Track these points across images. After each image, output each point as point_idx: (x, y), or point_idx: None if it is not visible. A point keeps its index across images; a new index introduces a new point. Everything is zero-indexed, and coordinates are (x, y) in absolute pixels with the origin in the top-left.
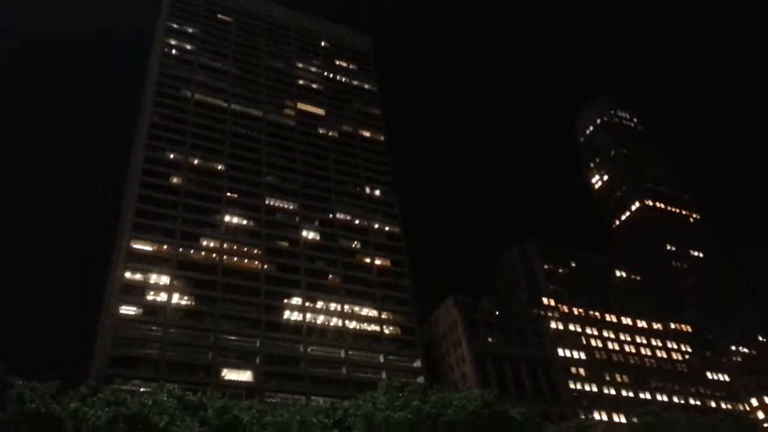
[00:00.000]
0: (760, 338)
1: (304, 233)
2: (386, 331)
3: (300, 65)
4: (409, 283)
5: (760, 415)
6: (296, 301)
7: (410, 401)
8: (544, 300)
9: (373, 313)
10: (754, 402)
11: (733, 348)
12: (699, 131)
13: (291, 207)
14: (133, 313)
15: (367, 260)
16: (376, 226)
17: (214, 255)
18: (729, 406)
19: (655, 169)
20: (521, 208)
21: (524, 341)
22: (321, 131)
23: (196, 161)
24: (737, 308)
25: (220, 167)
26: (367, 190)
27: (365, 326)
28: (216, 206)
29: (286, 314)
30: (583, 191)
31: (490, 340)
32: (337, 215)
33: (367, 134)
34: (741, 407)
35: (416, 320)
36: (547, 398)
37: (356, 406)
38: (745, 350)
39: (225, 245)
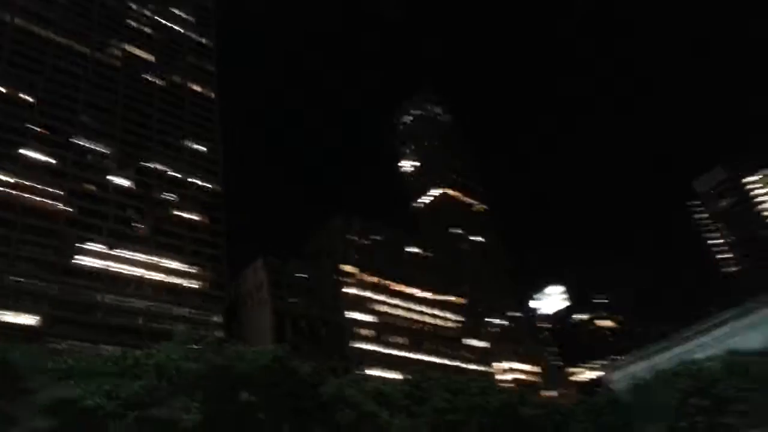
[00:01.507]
0: (515, 313)
1: (117, 179)
2: (192, 286)
3: (134, 6)
4: (222, 240)
5: (507, 376)
6: (99, 247)
7: (204, 353)
8: (346, 267)
9: (181, 266)
10: (503, 365)
11: (494, 320)
12: (499, 136)
13: (105, 150)
14: None
15: (182, 214)
16: (196, 181)
17: (10, 191)
18: (483, 368)
19: (456, 162)
20: (341, 182)
21: (323, 304)
22: (148, 78)
23: (3, 90)
24: (502, 287)
25: (29, 99)
26: (191, 144)
27: (171, 279)
28: (20, 139)
29: (86, 260)
30: (395, 173)
31: (291, 300)
32: (156, 165)
33: (197, 88)
34: (492, 369)
35: (225, 277)
36: (335, 356)
37: (148, 356)
38: (503, 322)
39: (24, 181)
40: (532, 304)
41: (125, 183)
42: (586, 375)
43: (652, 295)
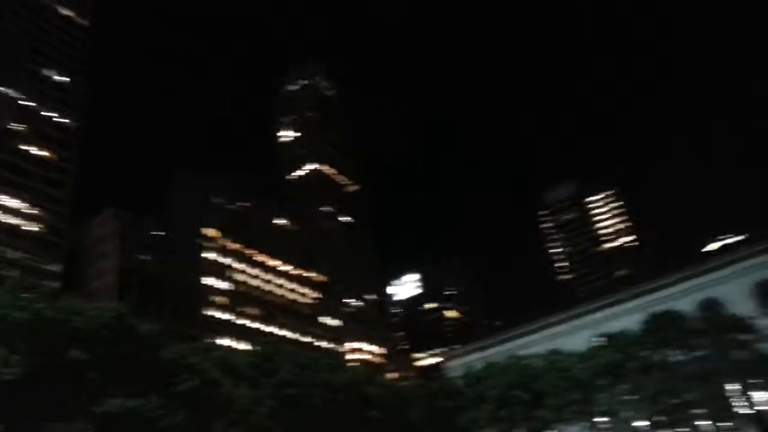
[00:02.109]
0: (371, 296)
1: None
2: (29, 228)
3: None
4: (70, 181)
5: (355, 356)
6: None
7: (36, 303)
8: (208, 231)
9: (18, 204)
10: (353, 345)
11: (350, 301)
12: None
13: None
14: None
15: (30, 148)
16: (51, 114)
17: None
18: (334, 346)
19: (335, 140)
20: (220, 144)
21: (178, 265)
22: None
23: None
24: (363, 269)
25: None
26: (49, 72)
27: (7, 218)
28: None
29: None
30: (272, 141)
31: (142, 257)
32: (6, 90)
33: (67, 12)
34: (343, 348)
35: (67, 222)
36: (184, 319)
37: None
38: (358, 303)
39: None
40: (388, 289)
41: None
42: (428, 361)
43: (498, 291)
